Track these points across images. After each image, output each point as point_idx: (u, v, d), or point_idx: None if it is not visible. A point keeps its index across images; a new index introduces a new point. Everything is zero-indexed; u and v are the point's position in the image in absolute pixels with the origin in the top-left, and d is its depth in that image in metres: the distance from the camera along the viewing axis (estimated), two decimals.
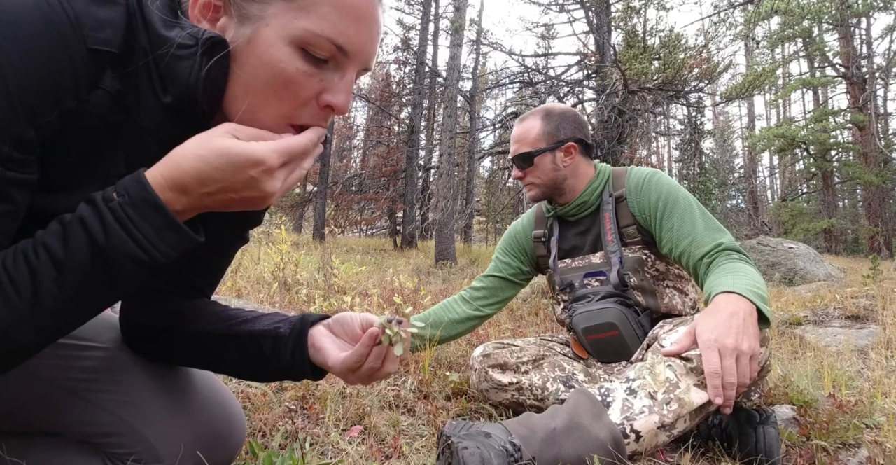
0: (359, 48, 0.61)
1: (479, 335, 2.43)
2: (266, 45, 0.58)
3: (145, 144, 0.61)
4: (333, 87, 0.62)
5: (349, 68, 0.62)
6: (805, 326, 3.18)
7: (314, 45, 0.58)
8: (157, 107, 0.60)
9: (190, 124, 0.62)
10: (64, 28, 0.51)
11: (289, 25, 0.57)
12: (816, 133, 16.09)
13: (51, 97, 0.52)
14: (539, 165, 1.55)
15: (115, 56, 0.56)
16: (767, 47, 17.23)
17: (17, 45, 0.49)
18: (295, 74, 0.59)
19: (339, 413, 1.30)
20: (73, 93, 0.54)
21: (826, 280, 6.04)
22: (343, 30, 0.59)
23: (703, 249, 1.33)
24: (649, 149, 20.15)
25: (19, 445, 0.73)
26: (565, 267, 1.61)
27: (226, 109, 0.62)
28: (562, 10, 10.76)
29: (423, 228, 14.80)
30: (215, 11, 0.60)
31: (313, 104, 0.62)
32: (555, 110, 1.59)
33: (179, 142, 0.63)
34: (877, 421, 1.40)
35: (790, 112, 26.06)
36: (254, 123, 0.61)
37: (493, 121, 13.33)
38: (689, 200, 1.43)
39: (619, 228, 1.51)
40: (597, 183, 1.57)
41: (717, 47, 11.11)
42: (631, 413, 1.05)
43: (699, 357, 1.06)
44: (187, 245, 0.58)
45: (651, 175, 1.50)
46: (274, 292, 3.24)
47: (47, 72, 0.51)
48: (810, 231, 15.62)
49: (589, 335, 1.47)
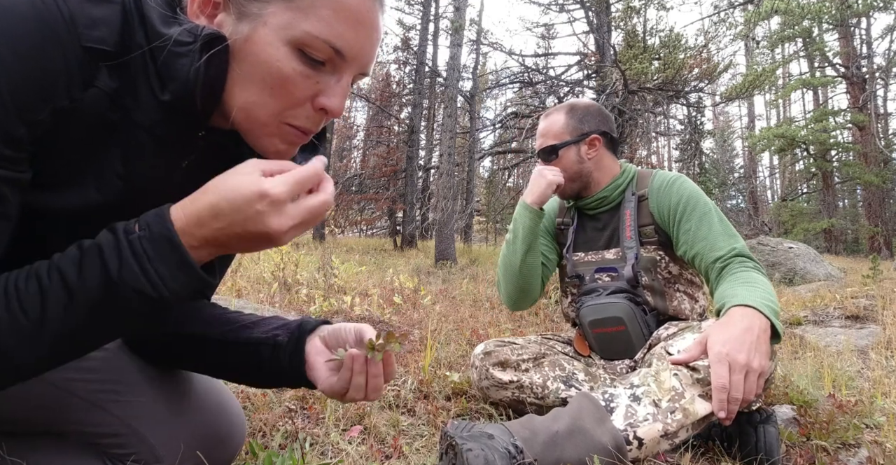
0: (356, 52, 0.61)
1: (479, 335, 2.43)
2: (263, 44, 0.58)
3: (141, 142, 0.61)
4: (329, 89, 0.62)
5: (346, 72, 0.62)
6: (805, 326, 3.19)
7: (312, 47, 0.58)
8: (155, 104, 0.59)
9: (188, 122, 0.62)
10: (58, 26, 0.51)
11: (287, 26, 0.57)
12: (816, 133, 16.09)
13: (43, 95, 0.52)
14: (563, 158, 1.56)
15: (110, 54, 0.56)
16: (767, 47, 17.23)
17: (9, 42, 0.49)
18: (291, 74, 0.59)
19: (339, 413, 1.30)
20: (67, 91, 0.53)
21: (826, 280, 6.04)
22: (341, 33, 0.59)
23: (717, 252, 1.34)
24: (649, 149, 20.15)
25: (20, 446, 0.73)
26: (578, 260, 1.62)
27: (224, 107, 0.62)
28: (562, 10, 10.76)
29: (423, 228, 14.80)
30: (214, 8, 0.60)
31: (308, 106, 0.62)
32: (579, 104, 1.62)
33: (177, 139, 0.63)
34: (877, 421, 1.40)
35: (790, 112, 26.07)
36: (249, 121, 0.62)
37: (493, 121, 13.34)
38: (708, 205, 1.44)
39: (638, 226, 1.52)
40: (620, 180, 1.58)
41: (717, 47, 11.11)
42: (634, 420, 1.05)
43: (706, 368, 1.06)
44: (199, 287, 0.57)
45: (675, 179, 1.52)
46: (274, 291, 3.24)
47: (40, 70, 0.51)
48: (810, 231, 15.62)
49: (595, 329, 1.47)
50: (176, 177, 0.67)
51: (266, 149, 0.65)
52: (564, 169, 1.56)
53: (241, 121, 0.62)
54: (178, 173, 0.67)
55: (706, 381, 1.06)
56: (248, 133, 0.64)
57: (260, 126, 0.62)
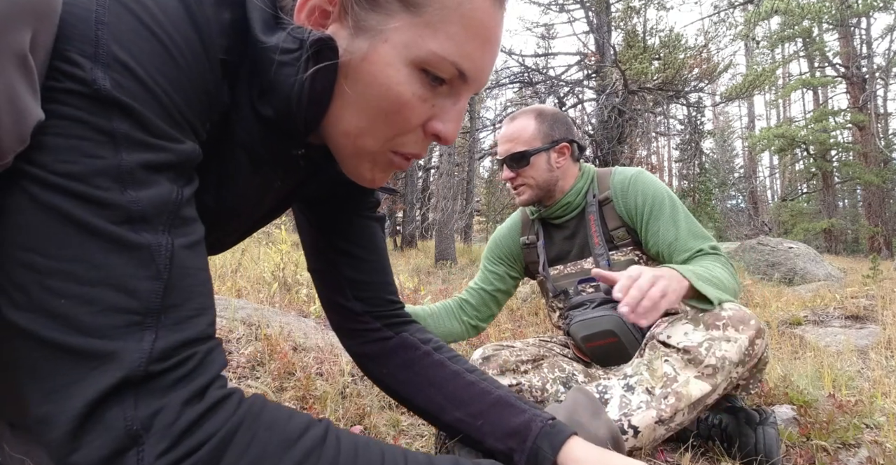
0: (479, 74, 0.54)
1: (479, 335, 2.42)
2: (383, 64, 0.51)
3: (239, 161, 0.56)
4: (445, 114, 0.55)
5: (464, 95, 0.56)
6: (805, 326, 3.19)
7: (436, 68, 0.52)
8: (254, 119, 0.54)
9: (286, 141, 0.57)
10: (208, 33, 0.47)
11: (412, 44, 0.50)
12: (816, 133, 16.10)
13: (202, 116, 0.48)
14: (535, 165, 1.51)
15: (230, 66, 0.50)
16: (767, 47, 17.25)
17: (177, 58, 0.45)
18: (410, 99, 0.52)
19: (339, 413, 1.30)
20: (210, 111, 0.50)
21: (826, 280, 6.05)
22: (469, 53, 0.52)
23: (682, 256, 1.36)
24: (649, 149, 20.13)
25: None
26: (557, 274, 1.59)
27: (325, 128, 0.56)
28: (562, 10, 10.77)
29: (423, 228, 14.80)
30: (325, 17, 0.52)
31: (419, 131, 0.56)
32: (547, 110, 1.57)
33: (274, 160, 0.58)
34: (877, 421, 1.40)
35: (790, 112, 26.09)
36: (356, 148, 0.56)
37: (493, 121, 13.32)
38: (673, 204, 1.43)
39: (609, 230, 1.50)
40: (581, 183, 1.55)
41: (717, 47, 11.15)
42: (628, 409, 1.06)
43: (697, 348, 1.10)
44: None
45: (635, 176, 1.49)
46: (274, 292, 3.24)
47: (203, 85, 0.47)
48: (810, 231, 15.64)
49: (588, 343, 1.47)
50: (268, 198, 0.63)
51: (362, 177, 0.59)
52: (534, 177, 1.51)
53: (345, 147, 0.56)
54: (271, 195, 0.63)
55: (698, 360, 1.09)
56: (348, 159, 0.58)
57: (365, 154, 0.56)
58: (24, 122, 0.37)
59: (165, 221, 0.42)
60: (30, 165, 0.38)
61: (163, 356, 0.40)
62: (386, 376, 0.79)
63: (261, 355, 1.57)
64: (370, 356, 0.80)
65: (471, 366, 0.78)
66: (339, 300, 0.78)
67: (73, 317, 0.38)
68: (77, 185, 0.38)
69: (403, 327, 0.81)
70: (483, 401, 0.72)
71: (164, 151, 0.43)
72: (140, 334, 0.39)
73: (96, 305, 0.38)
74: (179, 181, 0.44)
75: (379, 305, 0.80)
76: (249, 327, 1.81)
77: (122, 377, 0.38)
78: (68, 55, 0.39)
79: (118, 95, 0.40)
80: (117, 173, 0.40)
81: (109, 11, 0.41)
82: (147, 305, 0.40)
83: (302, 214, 0.79)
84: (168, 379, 0.40)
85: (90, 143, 0.39)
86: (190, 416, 0.40)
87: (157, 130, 0.42)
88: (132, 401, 0.38)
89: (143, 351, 0.39)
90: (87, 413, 0.37)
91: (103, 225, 0.39)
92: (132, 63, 0.41)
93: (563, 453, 0.65)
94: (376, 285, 0.80)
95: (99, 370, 0.38)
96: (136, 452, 0.38)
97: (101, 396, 0.37)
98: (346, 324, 0.80)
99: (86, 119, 0.39)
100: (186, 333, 0.42)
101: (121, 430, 0.38)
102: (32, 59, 0.37)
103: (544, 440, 0.66)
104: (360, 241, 0.78)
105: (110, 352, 0.38)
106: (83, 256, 0.39)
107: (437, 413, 0.75)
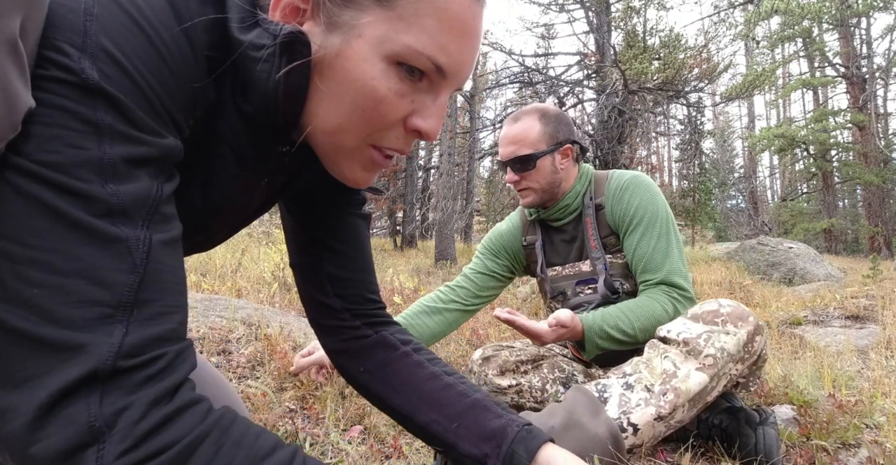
0: (458, 68, 0.54)
1: (479, 336, 2.43)
2: (358, 60, 0.50)
3: (225, 159, 0.56)
4: (425, 110, 0.55)
5: (444, 90, 0.55)
6: (805, 326, 3.19)
7: (412, 62, 0.51)
8: (237, 116, 0.54)
9: (270, 138, 0.57)
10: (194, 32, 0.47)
11: (386, 39, 0.49)
12: (816, 133, 16.10)
13: (186, 112, 0.48)
14: (540, 168, 1.49)
15: (215, 62, 0.50)
16: (767, 47, 17.24)
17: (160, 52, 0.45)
18: (386, 95, 0.51)
19: (339, 413, 1.30)
20: (195, 109, 0.50)
21: (826, 280, 6.05)
22: (445, 46, 0.51)
23: (645, 276, 1.40)
24: (649, 149, 20.12)
25: None
26: (556, 275, 1.59)
27: (304, 126, 0.55)
28: (562, 10, 10.77)
29: (423, 228, 14.80)
30: (298, 14, 0.52)
31: (400, 127, 0.55)
32: (550, 111, 1.55)
33: (258, 157, 0.58)
34: (877, 421, 1.40)
35: (790, 112, 26.08)
36: (333, 146, 0.56)
37: (493, 121, 13.34)
38: (656, 219, 1.42)
39: (602, 237, 1.50)
40: (579, 186, 1.54)
41: (717, 47, 11.14)
42: (628, 407, 1.06)
43: (695, 340, 1.12)
44: None
45: (628, 185, 1.48)
46: (274, 292, 3.24)
47: (187, 82, 0.47)
48: (810, 231, 15.63)
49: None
50: (256, 196, 0.63)
51: (345, 176, 0.59)
52: (539, 180, 1.50)
53: (325, 144, 0.56)
54: (259, 192, 0.63)
55: (697, 351, 1.11)
56: (328, 158, 0.58)
57: (344, 152, 0.56)
58: (15, 109, 0.37)
59: (145, 216, 0.42)
60: (12, 154, 0.38)
61: (132, 352, 0.39)
62: (362, 374, 0.78)
63: (261, 355, 1.57)
64: (347, 354, 0.79)
65: (450, 369, 0.77)
66: (319, 296, 0.78)
67: (46, 307, 0.37)
68: (58, 175, 0.38)
69: (383, 326, 0.80)
70: (460, 403, 0.71)
71: (146, 145, 0.43)
72: (110, 328, 0.39)
73: (70, 296, 0.38)
74: (160, 177, 0.44)
75: (359, 303, 0.79)
76: (249, 327, 1.81)
77: (89, 371, 0.37)
78: (56, 44, 0.39)
79: (105, 85, 0.40)
80: (99, 166, 0.40)
81: (98, 4, 0.41)
82: (119, 298, 0.39)
83: (287, 208, 0.78)
84: (136, 377, 0.39)
85: (74, 133, 0.39)
86: (156, 417, 0.39)
87: (140, 122, 0.42)
88: (98, 397, 0.38)
89: (111, 345, 0.38)
90: (50, 405, 0.36)
91: (82, 217, 0.39)
92: (119, 55, 0.41)
93: (539, 458, 0.64)
94: (358, 282, 0.79)
95: (67, 363, 0.37)
96: (96, 449, 0.37)
97: (67, 388, 0.37)
98: (325, 320, 0.79)
99: (71, 108, 0.39)
100: (157, 329, 0.41)
101: (83, 425, 0.37)
102: (22, 45, 0.37)
103: (520, 445, 0.65)
104: (345, 237, 0.78)
105: (80, 344, 0.37)
106: (60, 246, 0.38)
107: (411, 414, 0.73)
